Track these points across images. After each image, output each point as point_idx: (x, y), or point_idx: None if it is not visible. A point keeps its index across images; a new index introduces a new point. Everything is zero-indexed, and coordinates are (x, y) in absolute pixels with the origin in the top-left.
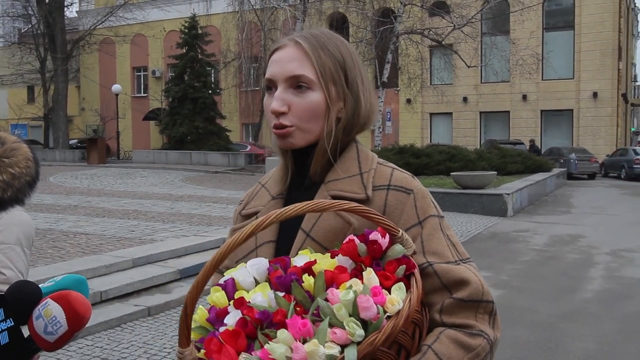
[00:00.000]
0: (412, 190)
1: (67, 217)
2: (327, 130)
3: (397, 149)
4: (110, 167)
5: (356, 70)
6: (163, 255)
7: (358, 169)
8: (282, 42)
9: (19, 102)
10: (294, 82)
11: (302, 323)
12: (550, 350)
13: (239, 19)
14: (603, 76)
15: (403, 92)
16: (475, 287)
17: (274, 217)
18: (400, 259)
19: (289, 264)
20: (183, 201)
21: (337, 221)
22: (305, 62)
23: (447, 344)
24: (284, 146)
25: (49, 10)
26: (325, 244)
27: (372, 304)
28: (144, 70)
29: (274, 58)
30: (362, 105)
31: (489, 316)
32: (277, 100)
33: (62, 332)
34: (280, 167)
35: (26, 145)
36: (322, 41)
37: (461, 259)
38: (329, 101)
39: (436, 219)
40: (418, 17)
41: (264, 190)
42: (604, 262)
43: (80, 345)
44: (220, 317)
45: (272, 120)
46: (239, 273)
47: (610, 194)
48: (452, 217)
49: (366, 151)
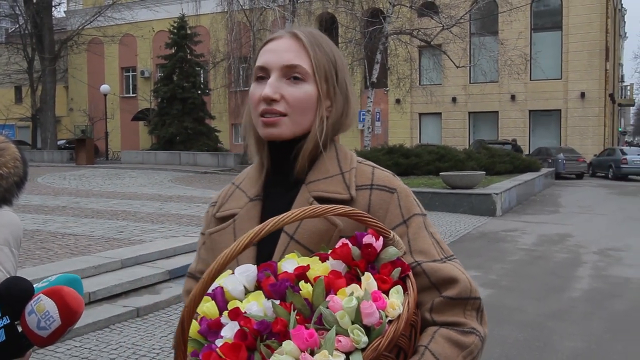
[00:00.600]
0: (395, 190)
1: (55, 218)
2: (319, 124)
3: (387, 149)
4: (98, 167)
5: (345, 72)
6: (152, 256)
7: (339, 169)
8: (278, 33)
9: (6, 102)
10: (288, 72)
11: (309, 334)
12: (538, 349)
13: (228, 20)
14: (590, 76)
15: (392, 92)
16: (463, 285)
17: (272, 225)
18: (395, 261)
19: (276, 269)
20: (172, 202)
21: (322, 223)
22: (302, 54)
23: (442, 343)
24: (270, 136)
25: (36, 10)
26: (311, 247)
27: (375, 309)
28: (133, 70)
29: (269, 47)
30: (350, 106)
31: (477, 312)
32: (270, 86)
33: (56, 326)
34: (255, 166)
35: (14, 145)
36: (317, 39)
37: (446, 257)
38: (321, 96)
39: (420, 217)
40: (407, 17)
41: (239, 191)
42: (592, 261)
43: (68, 346)
44: (212, 328)
45: (259, 107)
46: (229, 281)
47: (597, 194)
48: (441, 216)
49: (345, 150)
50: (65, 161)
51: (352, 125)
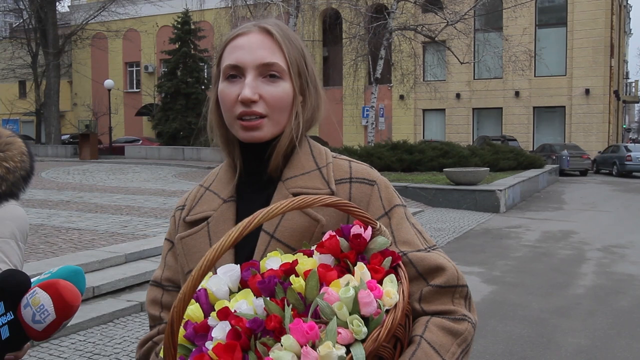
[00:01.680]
0: (374, 182)
1: (60, 213)
2: (295, 121)
3: (390, 145)
4: (102, 162)
5: (312, 64)
6: (156, 251)
7: (315, 164)
8: (245, 28)
9: (11, 97)
10: (264, 70)
11: (309, 326)
12: (542, 345)
13: (232, 15)
14: (595, 73)
15: (396, 88)
16: (450, 273)
17: (261, 217)
18: (384, 251)
19: (259, 268)
20: (176, 196)
21: (303, 219)
22: (275, 50)
23: (436, 332)
24: (251, 139)
25: (40, 4)
26: (292, 245)
27: (373, 299)
28: (137, 65)
29: (239, 44)
30: (321, 99)
31: (464, 300)
32: (249, 87)
33: (50, 320)
34: (226, 167)
35: (21, 140)
36: (286, 32)
37: (430, 247)
38: (296, 92)
39: (401, 208)
40: (411, 13)
41: (210, 193)
42: (596, 258)
43: (72, 340)
44: (199, 331)
45: (236, 109)
46: (212, 282)
47: (601, 191)
48: (444, 213)
49: (318, 146)
50: (69, 156)
51: (321, 119)
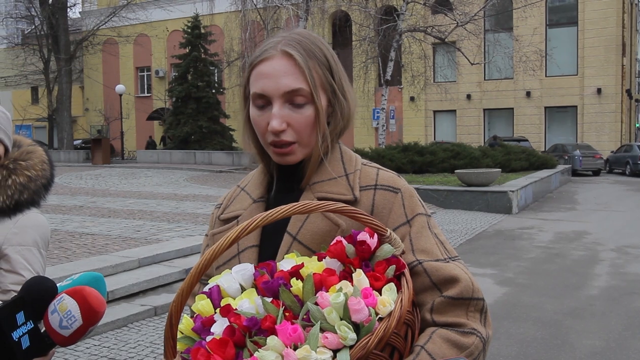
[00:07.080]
0: (399, 190)
1: (73, 218)
2: (322, 138)
3: (401, 146)
4: (114, 167)
5: (339, 69)
6: (169, 255)
7: (343, 171)
8: (268, 53)
9: (23, 103)
10: (290, 98)
11: (293, 329)
12: (556, 347)
13: (242, 18)
14: (607, 72)
15: (406, 89)
16: (465, 285)
17: (260, 220)
18: (390, 259)
19: (275, 268)
20: (188, 201)
21: (325, 223)
22: (298, 75)
23: (439, 343)
24: (285, 162)
25: (52, 11)
26: (313, 247)
27: (364, 306)
28: (147, 70)
29: (263, 71)
30: (351, 105)
31: (480, 314)
32: (276, 118)
33: (77, 326)
34: (260, 170)
35: (41, 148)
36: (308, 48)
37: (450, 257)
38: (320, 110)
39: (424, 217)
40: (421, 14)
41: (244, 193)
42: (610, 258)
43: (87, 345)
44: (206, 325)
45: (268, 137)
46: (224, 280)
47: (615, 190)
48: (456, 214)
49: (349, 152)
50: (82, 161)
51: (352, 120)
